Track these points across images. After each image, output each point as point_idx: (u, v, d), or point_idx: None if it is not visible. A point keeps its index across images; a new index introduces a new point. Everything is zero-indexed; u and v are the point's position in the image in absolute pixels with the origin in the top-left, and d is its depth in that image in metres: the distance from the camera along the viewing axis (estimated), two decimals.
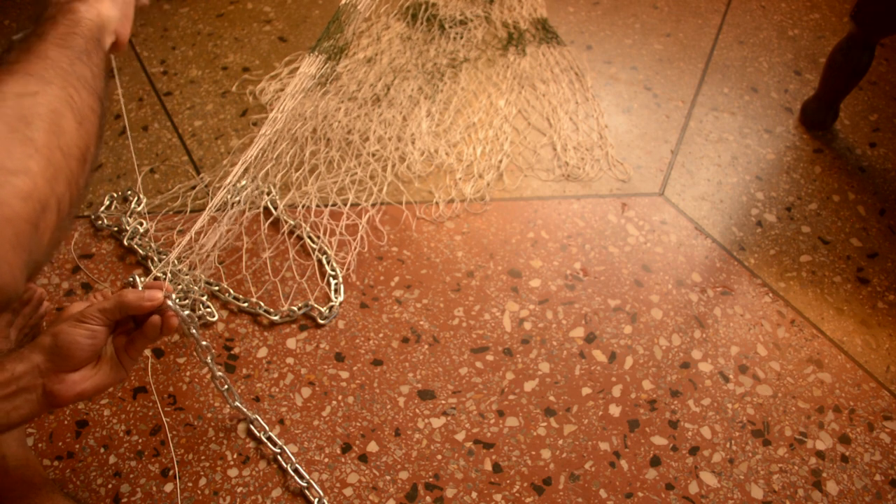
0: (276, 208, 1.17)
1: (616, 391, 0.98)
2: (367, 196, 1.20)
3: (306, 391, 0.97)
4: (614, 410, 0.96)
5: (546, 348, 1.02)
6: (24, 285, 0.38)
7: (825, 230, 1.17)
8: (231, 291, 1.05)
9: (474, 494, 0.88)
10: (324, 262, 1.10)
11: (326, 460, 0.91)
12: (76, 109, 0.43)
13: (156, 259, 1.09)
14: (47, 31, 0.46)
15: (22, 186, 0.37)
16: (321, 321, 1.03)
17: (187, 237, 0.87)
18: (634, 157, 1.28)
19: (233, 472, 0.89)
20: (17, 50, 0.44)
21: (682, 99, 1.39)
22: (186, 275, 1.04)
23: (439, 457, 0.91)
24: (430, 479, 0.89)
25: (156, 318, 0.64)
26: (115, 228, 1.13)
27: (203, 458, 0.90)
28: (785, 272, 1.12)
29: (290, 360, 1.00)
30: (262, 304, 1.04)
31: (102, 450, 0.91)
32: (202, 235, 1.08)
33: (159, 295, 0.64)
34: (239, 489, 0.88)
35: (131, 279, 1.07)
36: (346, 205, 1.18)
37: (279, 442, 0.91)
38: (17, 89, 0.40)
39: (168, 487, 0.88)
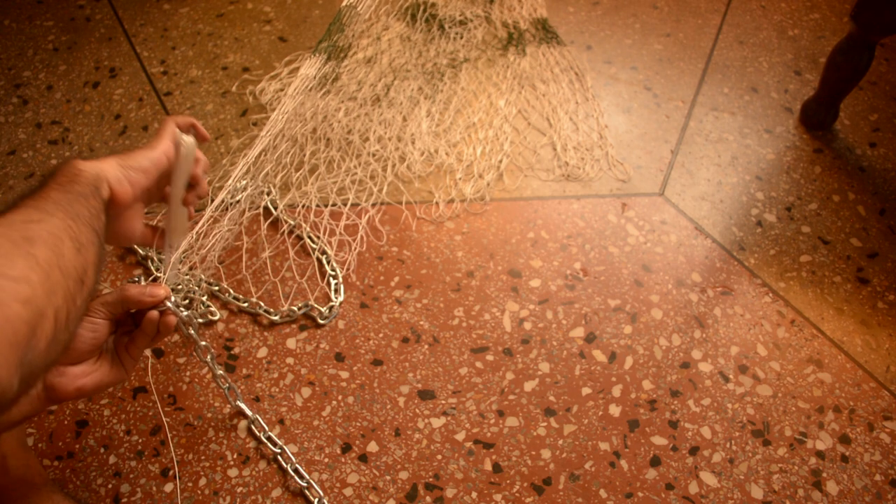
0: (276, 208, 1.17)
1: (616, 391, 0.98)
2: (367, 196, 1.20)
3: (306, 391, 0.97)
4: (614, 410, 0.96)
5: (546, 348, 1.02)
6: (18, 388, 0.40)
7: (825, 230, 1.18)
8: (231, 291, 1.05)
9: (474, 494, 0.88)
10: (324, 262, 1.10)
11: (326, 460, 0.91)
12: (75, 238, 0.48)
13: (156, 259, 1.09)
14: (50, 181, 0.53)
15: (22, 292, 0.41)
16: (321, 321, 1.03)
17: (187, 240, 0.87)
18: (634, 157, 1.28)
19: (233, 472, 0.89)
20: (23, 196, 0.50)
21: (682, 99, 1.39)
22: (186, 275, 1.04)
23: (439, 457, 0.91)
24: (430, 479, 0.89)
25: (153, 313, 0.65)
26: None
27: (203, 458, 0.90)
28: (785, 272, 1.12)
29: (290, 360, 1.00)
30: (262, 304, 1.04)
31: (102, 450, 0.91)
32: (202, 236, 1.08)
33: (160, 291, 0.65)
34: (239, 489, 0.88)
35: (135, 279, 1.07)
36: (346, 205, 1.18)
37: (279, 442, 0.91)
38: (23, 217, 0.46)
39: (168, 487, 0.88)
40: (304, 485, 0.87)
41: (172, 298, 0.66)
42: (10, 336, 0.39)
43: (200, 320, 1.03)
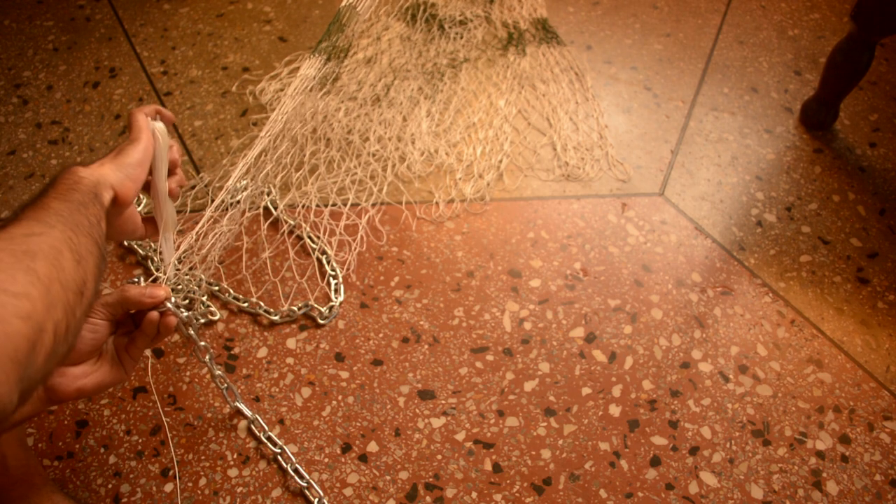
0: (276, 208, 1.17)
1: (616, 391, 0.98)
2: (367, 196, 1.20)
3: (306, 391, 0.97)
4: (614, 410, 0.96)
5: (546, 348, 1.02)
6: (17, 402, 0.41)
7: (825, 230, 1.18)
8: (231, 291, 1.05)
9: (474, 494, 0.88)
10: (324, 262, 1.10)
11: (326, 460, 0.91)
12: (75, 250, 0.49)
13: (156, 259, 1.09)
14: (50, 189, 0.54)
15: (23, 308, 0.42)
16: (321, 321, 1.03)
17: (187, 240, 0.87)
18: (634, 157, 1.28)
19: (233, 472, 0.89)
20: (25, 205, 0.51)
21: (682, 99, 1.39)
22: (186, 275, 1.04)
23: (439, 457, 0.91)
24: (430, 479, 0.89)
25: (154, 313, 0.65)
26: None
27: (203, 458, 0.90)
28: (785, 272, 1.12)
29: (290, 360, 1.00)
30: (262, 304, 1.04)
31: (102, 450, 0.91)
32: (202, 236, 1.08)
33: (160, 292, 0.65)
34: (239, 489, 0.88)
35: (135, 280, 1.07)
36: (346, 205, 1.18)
37: (279, 442, 0.91)
38: (24, 231, 0.47)
39: (168, 487, 0.88)
40: (304, 485, 0.87)
41: (172, 299, 0.66)
42: (11, 353, 0.40)
43: (202, 320, 1.03)
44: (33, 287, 0.43)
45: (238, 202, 1.14)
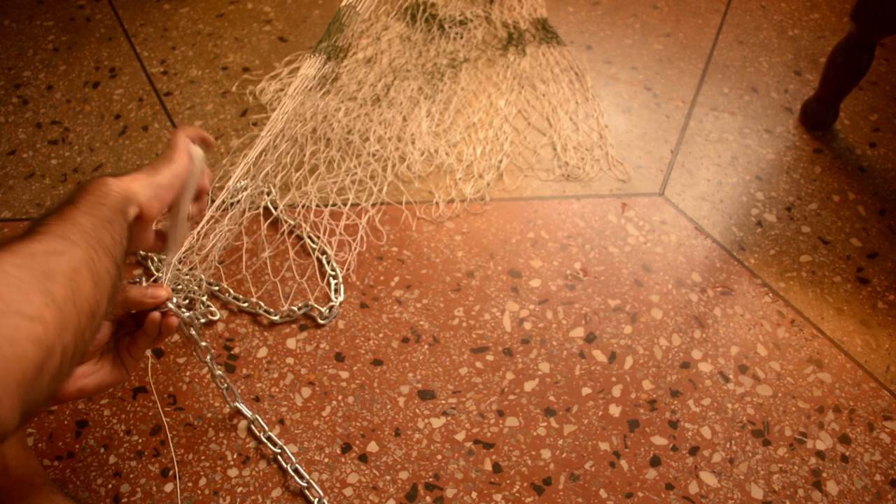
0: (276, 208, 1.17)
1: (616, 391, 0.98)
2: (367, 196, 1.20)
3: (306, 391, 0.97)
4: (614, 410, 0.96)
5: (546, 348, 1.02)
6: (18, 424, 0.41)
7: (825, 230, 1.18)
8: (231, 291, 1.05)
9: (474, 494, 0.88)
10: (324, 262, 1.10)
11: (326, 460, 0.91)
12: (94, 271, 0.49)
13: (156, 259, 1.09)
14: (79, 199, 0.53)
15: (35, 331, 0.42)
16: (321, 321, 1.03)
17: (187, 241, 0.87)
18: (634, 157, 1.28)
19: (233, 472, 0.89)
20: (52, 214, 0.51)
21: (682, 99, 1.39)
22: (186, 275, 1.04)
23: (439, 457, 0.91)
24: (430, 479, 0.89)
25: (155, 314, 0.65)
26: None
27: (203, 458, 0.90)
28: (785, 272, 1.12)
29: (290, 360, 1.00)
30: (262, 304, 1.04)
31: (102, 450, 0.91)
32: (202, 236, 1.08)
33: (162, 292, 0.65)
34: (239, 489, 0.88)
35: (136, 280, 1.07)
36: (346, 205, 1.18)
37: (279, 442, 0.91)
38: (47, 248, 0.46)
39: (168, 487, 0.88)
40: (304, 485, 0.87)
41: (174, 299, 0.66)
42: (18, 376, 0.40)
43: (202, 320, 1.03)
44: (48, 310, 0.43)
45: (238, 202, 1.14)
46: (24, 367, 0.40)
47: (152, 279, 1.06)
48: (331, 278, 1.08)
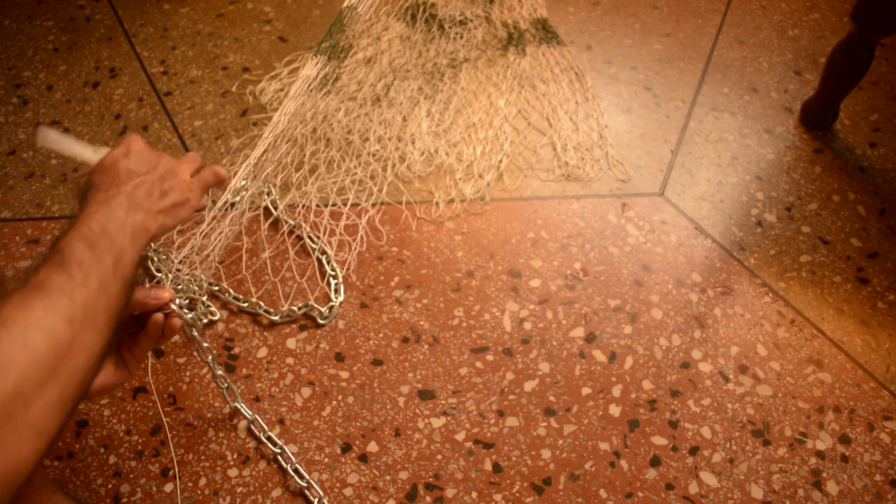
0: (276, 208, 1.17)
1: (616, 391, 0.98)
2: (367, 196, 1.20)
3: (306, 391, 0.97)
4: (614, 410, 0.96)
5: (546, 348, 1.02)
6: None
7: (825, 230, 1.18)
8: (231, 291, 1.05)
9: (474, 494, 0.88)
10: (324, 262, 1.10)
11: (326, 460, 0.91)
12: (90, 353, 0.50)
13: (156, 259, 1.09)
14: (95, 231, 0.55)
15: (40, 445, 0.46)
16: (321, 321, 1.03)
17: (189, 244, 0.87)
18: (634, 157, 1.28)
19: (233, 472, 0.89)
20: (70, 237, 0.53)
21: (682, 99, 1.39)
22: (187, 275, 1.04)
23: (439, 457, 0.91)
24: (430, 479, 0.89)
25: (158, 315, 0.65)
26: None
27: (203, 458, 0.90)
28: (785, 272, 1.12)
29: (290, 360, 1.00)
30: (262, 304, 1.04)
31: (102, 450, 0.91)
32: (202, 236, 1.08)
33: (165, 294, 0.65)
34: (239, 489, 0.88)
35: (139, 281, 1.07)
36: (346, 205, 1.18)
37: (279, 442, 0.91)
38: (47, 325, 0.47)
39: (168, 487, 0.88)
40: (304, 485, 0.87)
41: (177, 301, 0.66)
42: (13, 477, 0.44)
43: (204, 320, 1.03)
44: (53, 411, 0.47)
45: (238, 202, 1.14)
46: (20, 468, 0.45)
47: (154, 280, 1.06)
48: (331, 278, 1.08)
